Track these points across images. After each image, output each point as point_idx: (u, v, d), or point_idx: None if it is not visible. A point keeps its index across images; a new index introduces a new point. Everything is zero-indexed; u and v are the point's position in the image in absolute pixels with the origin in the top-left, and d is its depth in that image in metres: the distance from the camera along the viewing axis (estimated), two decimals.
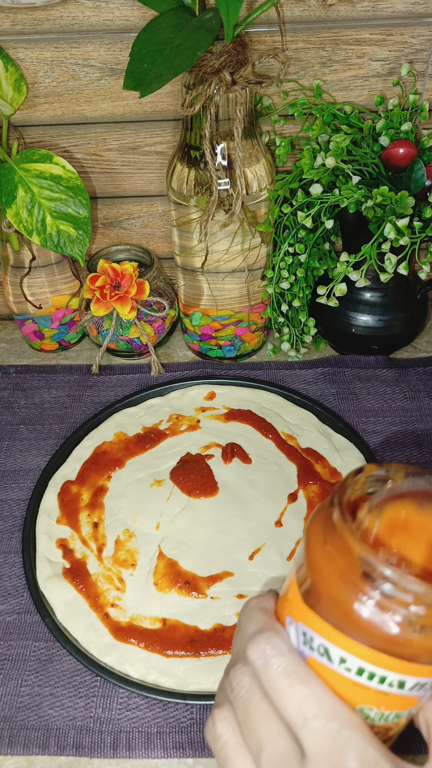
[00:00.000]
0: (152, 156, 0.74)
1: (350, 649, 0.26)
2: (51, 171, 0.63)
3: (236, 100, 0.59)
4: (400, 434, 0.67)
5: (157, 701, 0.50)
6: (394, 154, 0.62)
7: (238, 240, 0.67)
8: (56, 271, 0.73)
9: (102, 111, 0.70)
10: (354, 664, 0.26)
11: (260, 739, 0.27)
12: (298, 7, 0.64)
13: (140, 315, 0.73)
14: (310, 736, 0.26)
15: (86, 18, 0.65)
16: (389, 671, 0.26)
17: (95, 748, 0.48)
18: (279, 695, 0.27)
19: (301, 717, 0.26)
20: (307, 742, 0.26)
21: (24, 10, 0.64)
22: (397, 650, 0.25)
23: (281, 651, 0.28)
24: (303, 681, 0.27)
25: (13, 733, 0.49)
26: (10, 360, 0.79)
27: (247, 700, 0.28)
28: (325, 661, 0.27)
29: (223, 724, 0.29)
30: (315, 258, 0.70)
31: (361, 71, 0.68)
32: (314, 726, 0.26)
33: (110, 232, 0.80)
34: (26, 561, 0.58)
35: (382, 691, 0.26)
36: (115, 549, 0.58)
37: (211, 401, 0.71)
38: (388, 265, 0.61)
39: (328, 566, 0.26)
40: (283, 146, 0.68)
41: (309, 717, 0.26)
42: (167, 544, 0.58)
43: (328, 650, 0.27)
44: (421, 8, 0.65)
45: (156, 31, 0.56)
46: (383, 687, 0.26)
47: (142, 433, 0.67)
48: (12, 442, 0.69)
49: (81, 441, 0.67)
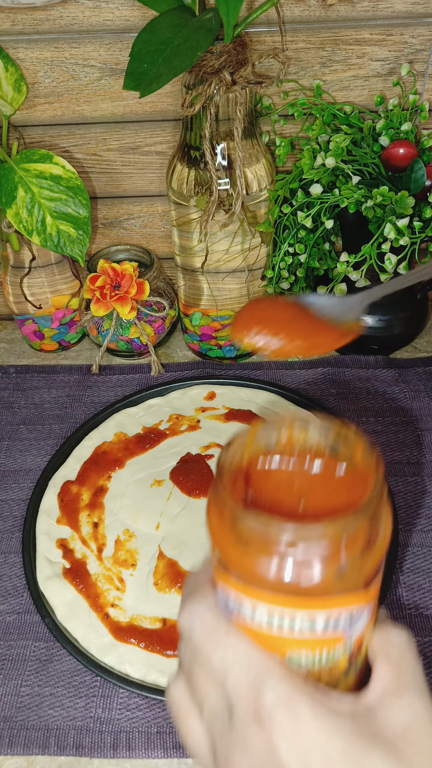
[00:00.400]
0: (152, 156, 0.74)
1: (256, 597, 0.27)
2: (51, 171, 0.63)
3: (236, 100, 0.59)
4: (400, 434, 0.67)
5: (157, 701, 0.50)
6: (394, 154, 0.62)
7: (238, 240, 0.67)
8: (56, 271, 0.73)
9: (102, 111, 0.70)
10: (263, 612, 0.27)
11: (201, 697, 0.29)
12: (298, 7, 0.64)
13: (140, 315, 0.73)
14: (231, 684, 0.27)
15: (86, 18, 0.65)
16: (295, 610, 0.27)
17: (95, 748, 0.48)
18: (205, 653, 0.28)
19: (223, 669, 0.28)
20: (229, 691, 0.27)
21: (24, 10, 0.64)
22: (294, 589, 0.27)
23: (204, 612, 0.29)
24: (223, 635, 0.28)
25: (13, 733, 0.49)
26: (10, 360, 0.79)
27: (189, 664, 0.30)
28: (243, 615, 0.28)
29: (176, 689, 0.30)
30: (315, 258, 0.70)
31: (361, 71, 0.68)
32: (233, 675, 0.27)
33: (110, 232, 0.80)
34: (26, 561, 0.58)
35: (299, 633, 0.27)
36: (115, 549, 0.58)
37: (211, 401, 0.71)
38: (388, 265, 0.61)
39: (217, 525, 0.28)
40: (283, 146, 0.68)
41: (229, 667, 0.27)
42: (167, 544, 0.58)
43: (242, 604, 0.28)
44: (421, 8, 0.65)
45: (156, 31, 0.56)
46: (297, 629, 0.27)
47: (142, 433, 0.68)
48: (12, 442, 0.69)
49: (81, 441, 0.67)
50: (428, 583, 0.56)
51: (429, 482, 0.63)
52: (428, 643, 0.52)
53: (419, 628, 0.53)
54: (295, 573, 0.27)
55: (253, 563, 0.27)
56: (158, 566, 0.57)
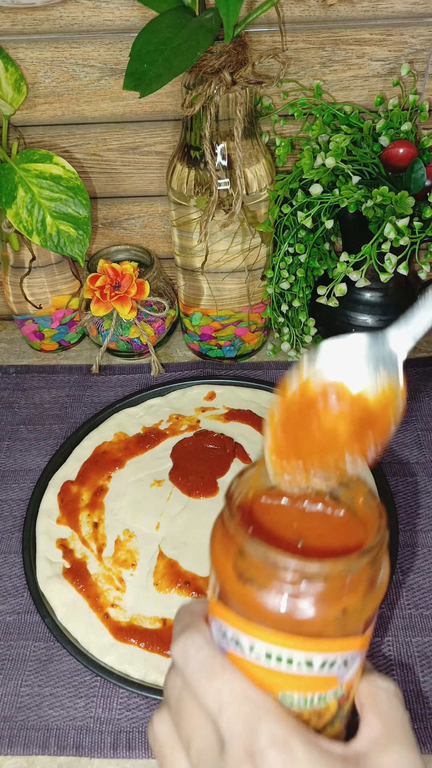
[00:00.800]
0: (152, 156, 0.74)
1: (255, 634, 0.27)
2: (51, 171, 0.63)
3: (236, 100, 0.59)
4: (400, 434, 0.67)
5: (157, 701, 0.50)
6: (394, 154, 0.62)
7: (238, 240, 0.67)
8: (56, 271, 0.73)
9: (102, 111, 0.70)
10: (261, 649, 0.27)
11: (189, 734, 0.28)
12: (298, 7, 0.64)
13: (140, 315, 0.73)
14: (225, 722, 0.27)
15: (86, 18, 0.65)
16: (293, 650, 0.27)
17: (95, 748, 0.48)
18: (198, 688, 0.28)
19: (217, 706, 0.27)
20: (223, 729, 0.27)
21: (24, 10, 0.64)
22: (294, 628, 0.27)
23: (199, 646, 0.29)
24: (218, 672, 0.28)
25: (13, 733, 0.49)
26: (10, 360, 0.79)
27: (178, 699, 0.29)
28: (239, 651, 0.28)
29: (161, 725, 0.30)
30: (315, 258, 0.69)
31: (361, 71, 0.68)
32: (228, 712, 0.27)
33: (110, 232, 0.80)
34: (26, 561, 0.58)
35: (294, 673, 0.27)
36: (115, 549, 0.58)
37: (211, 401, 0.71)
38: (388, 265, 0.61)
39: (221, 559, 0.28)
40: (283, 146, 0.68)
41: (224, 704, 0.27)
42: (167, 544, 0.58)
43: (239, 639, 0.28)
44: (421, 8, 0.65)
45: (156, 31, 0.56)
46: (293, 668, 0.27)
47: (142, 433, 0.68)
48: (12, 442, 0.69)
49: (81, 441, 0.67)
50: (428, 583, 0.56)
51: (429, 482, 0.63)
52: (428, 643, 0.52)
53: (419, 628, 0.53)
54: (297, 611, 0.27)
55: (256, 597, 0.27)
56: (158, 566, 0.57)
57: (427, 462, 0.65)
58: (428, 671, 0.51)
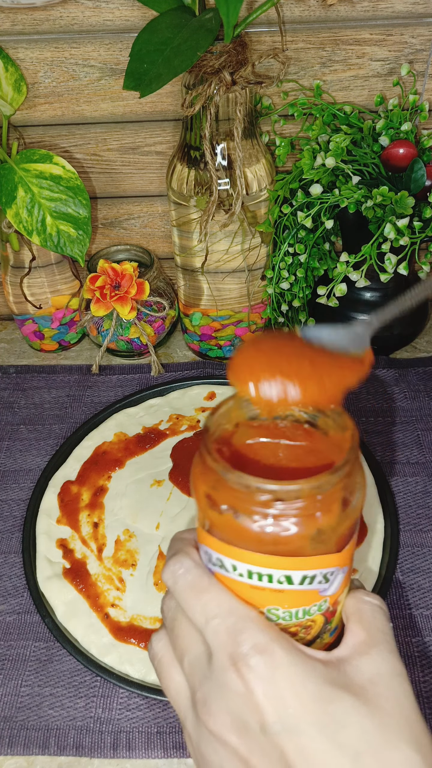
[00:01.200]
0: (152, 156, 0.74)
1: (236, 557, 0.29)
2: (51, 171, 0.63)
3: (236, 100, 0.59)
4: (400, 434, 0.67)
5: (157, 701, 0.50)
6: (394, 154, 0.62)
7: (238, 240, 0.67)
8: (56, 271, 0.73)
9: (102, 111, 0.70)
10: (243, 569, 0.29)
11: (181, 648, 0.30)
12: (298, 7, 0.64)
13: (140, 315, 0.73)
14: (211, 633, 0.29)
15: (86, 18, 0.65)
16: (272, 569, 0.28)
17: (95, 748, 0.48)
18: (187, 605, 0.30)
19: (204, 619, 0.29)
20: (209, 640, 0.29)
21: (24, 10, 0.64)
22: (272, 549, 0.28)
23: (188, 568, 0.31)
24: (205, 589, 0.30)
25: (13, 733, 0.49)
26: (10, 360, 0.79)
27: (172, 619, 0.31)
28: (224, 571, 0.30)
29: (158, 643, 0.32)
30: (315, 258, 0.69)
31: (361, 71, 0.68)
32: (214, 624, 0.29)
33: (110, 232, 0.80)
34: (26, 561, 0.58)
35: (276, 588, 0.29)
36: (115, 549, 0.58)
37: (212, 401, 0.71)
38: (388, 265, 0.61)
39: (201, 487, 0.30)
40: (283, 146, 0.68)
41: (210, 617, 0.29)
42: (167, 544, 0.58)
43: (223, 561, 0.30)
44: (421, 8, 0.65)
45: (156, 31, 0.56)
46: (275, 585, 0.29)
47: (142, 433, 0.68)
48: (12, 442, 0.69)
49: (81, 441, 0.67)
50: (428, 583, 0.56)
51: (429, 482, 0.63)
52: (428, 643, 0.52)
53: (419, 628, 0.53)
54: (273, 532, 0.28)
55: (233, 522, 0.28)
56: (158, 566, 0.57)
57: (427, 462, 0.65)
58: (428, 671, 0.51)
